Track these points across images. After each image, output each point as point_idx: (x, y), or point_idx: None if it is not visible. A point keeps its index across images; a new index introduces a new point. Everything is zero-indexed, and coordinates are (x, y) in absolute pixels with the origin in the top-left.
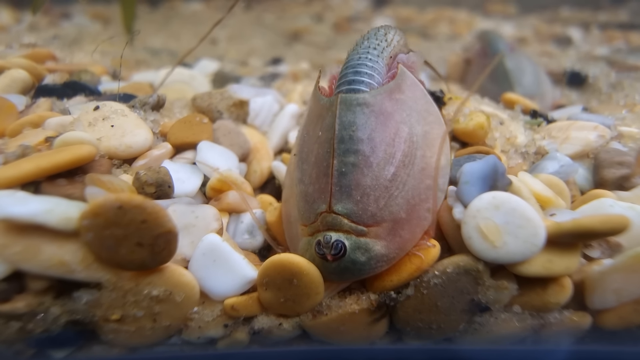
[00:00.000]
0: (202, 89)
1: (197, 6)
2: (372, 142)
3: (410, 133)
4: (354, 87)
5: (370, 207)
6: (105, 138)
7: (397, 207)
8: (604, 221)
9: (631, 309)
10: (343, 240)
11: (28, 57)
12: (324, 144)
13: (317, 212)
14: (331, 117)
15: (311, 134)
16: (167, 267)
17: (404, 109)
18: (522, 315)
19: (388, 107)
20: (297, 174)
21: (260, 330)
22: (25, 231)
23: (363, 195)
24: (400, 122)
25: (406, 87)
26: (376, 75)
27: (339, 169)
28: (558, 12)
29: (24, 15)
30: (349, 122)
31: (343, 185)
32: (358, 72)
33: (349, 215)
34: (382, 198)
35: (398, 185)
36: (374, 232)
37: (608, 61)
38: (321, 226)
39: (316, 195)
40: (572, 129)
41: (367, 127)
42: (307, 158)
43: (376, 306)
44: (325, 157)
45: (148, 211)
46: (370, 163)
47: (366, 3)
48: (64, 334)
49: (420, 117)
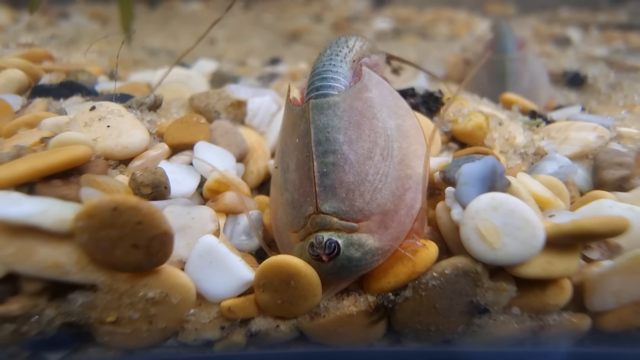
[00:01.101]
0: (199, 89)
1: (195, 6)
2: (348, 141)
3: (384, 127)
4: (322, 92)
5: (357, 202)
6: (101, 138)
7: (383, 199)
8: (603, 222)
9: (631, 311)
10: (335, 239)
11: (24, 57)
12: (303, 150)
13: (306, 215)
14: (305, 124)
15: (289, 144)
16: (163, 269)
17: (373, 105)
18: (521, 317)
19: (358, 106)
20: (281, 183)
21: (257, 332)
22: (19, 232)
23: (348, 191)
24: (372, 119)
25: (372, 85)
26: (342, 79)
27: (320, 170)
28: (557, 12)
29: (21, 15)
30: (323, 124)
31: (326, 185)
32: (324, 78)
33: (337, 214)
34: (367, 192)
35: (381, 178)
36: (364, 226)
37: (607, 62)
38: (311, 228)
39: (302, 200)
40: (571, 130)
41: (341, 127)
42: (288, 167)
43: (374, 308)
44: (305, 161)
45: (144, 212)
46: (350, 160)
47: (365, 3)
48: (59, 336)
49: (391, 112)
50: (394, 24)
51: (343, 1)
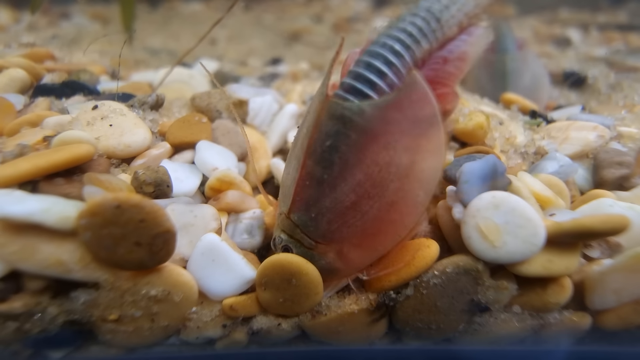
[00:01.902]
0: (201, 89)
1: (196, 6)
2: (343, 163)
3: (390, 162)
4: (355, 86)
5: (322, 227)
6: (103, 137)
7: (349, 233)
8: (603, 221)
9: (631, 310)
10: (291, 247)
11: (27, 57)
12: (303, 142)
13: (282, 210)
14: (314, 119)
15: (304, 121)
16: (166, 267)
17: (393, 131)
18: (522, 316)
19: (374, 126)
20: (289, 154)
21: (259, 330)
22: (23, 230)
23: (318, 214)
24: (382, 147)
25: (408, 103)
26: (390, 74)
27: (305, 179)
28: (557, 13)
29: (23, 15)
30: (327, 132)
31: (304, 198)
32: (369, 65)
33: (302, 227)
34: (335, 222)
35: (356, 214)
36: (321, 248)
37: (607, 62)
38: (280, 224)
39: (286, 192)
40: (571, 129)
41: (343, 144)
42: (295, 144)
43: (375, 306)
44: (298, 158)
45: (146, 210)
46: (335, 184)
47: (365, 3)
48: (62, 334)
49: (412, 144)
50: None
51: (343, 2)
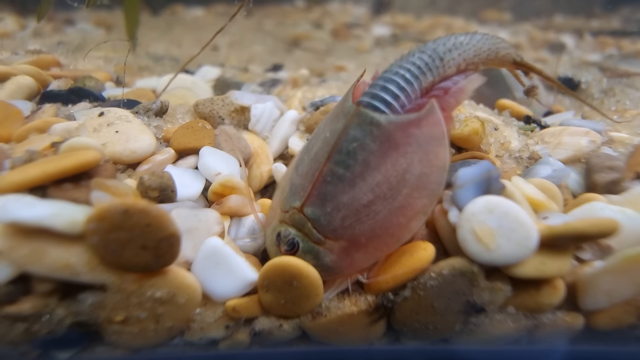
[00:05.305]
0: (203, 95)
1: (198, 12)
2: (365, 164)
3: (405, 170)
4: (373, 103)
5: (335, 222)
6: (110, 143)
7: (359, 231)
8: (594, 224)
9: (622, 310)
10: (299, 240)
11: (33, 64)
12: (325, 147)
13: (292, 205)
14: (342, 124)
15: (323, 130)
16: (170, 270)
17: (411, 144)
18: (516, 316)
19: (397, 137)
20: (298, 160)
21: (261, 331)
22: (32, 234)
23: (334, 209)
24: (401, 155)
25: (426, 124)
26: (402, 97)
27: (325, 175)
28: (552, 19)
29: (28, 22)
30: (354, 136)
31: (322, 193)
32: (385, 89)
33: (314, 222)
34: (349, 218)
35: (369, 213)
36: (329, 244)
37: (600, 67)
38: (288, 219)
39: (299, 189)
40: (564, 135)
41: (368, 148)
42: (310, 149)
43: (374, 307)
44: (320, 159)
45: (152, 215)
46: (354, 183)
47: (364, 10)
48: (69, 335)
49: (425, 158)
50: (393, 30)
51: (342, 8)
